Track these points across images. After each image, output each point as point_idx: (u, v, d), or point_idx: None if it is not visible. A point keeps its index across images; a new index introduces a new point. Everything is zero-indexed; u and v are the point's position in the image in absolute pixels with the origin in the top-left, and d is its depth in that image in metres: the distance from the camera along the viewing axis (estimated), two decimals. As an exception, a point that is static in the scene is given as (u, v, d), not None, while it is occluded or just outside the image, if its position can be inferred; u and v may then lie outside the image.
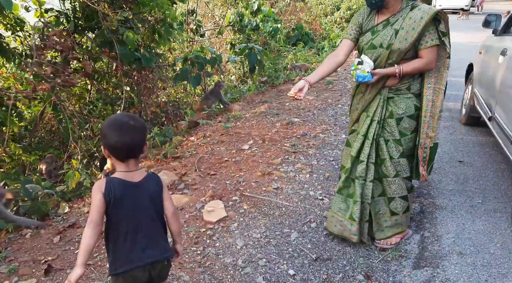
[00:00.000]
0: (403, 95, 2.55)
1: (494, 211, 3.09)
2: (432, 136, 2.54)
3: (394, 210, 2.67)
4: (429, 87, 2.50)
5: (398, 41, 2.40)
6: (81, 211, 3.31)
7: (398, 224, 2.70)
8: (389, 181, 2.62)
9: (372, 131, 2.58)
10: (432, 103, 2.50)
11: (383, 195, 2.67)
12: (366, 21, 2.55)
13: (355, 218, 2.59)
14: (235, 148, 4.40)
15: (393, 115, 2.55)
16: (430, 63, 2.44)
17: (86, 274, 2.43)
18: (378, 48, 2.47)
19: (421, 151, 2.59)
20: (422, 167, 2.61)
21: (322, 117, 5.45)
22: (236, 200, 3.25)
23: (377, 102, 2.57)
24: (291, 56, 10.07)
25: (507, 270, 2.44)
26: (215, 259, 2.54)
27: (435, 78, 2.50)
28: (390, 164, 2.59)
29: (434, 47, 2.41)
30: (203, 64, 6.18)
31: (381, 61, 2.48)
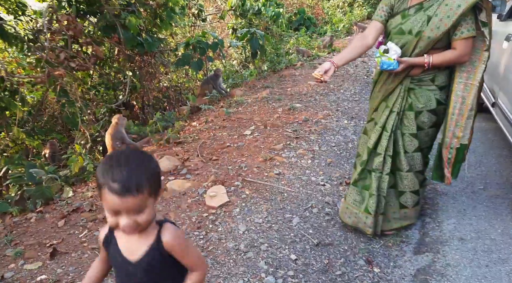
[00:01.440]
0: (426, 87, 2.38)
1: (495, 197, 3.10)
2: (459, 136, 2.38)
3: (404, 203, 2.62)
4: (460, 82, 2.32)
5: (429, 29, 2.23)
6: (85, 195, 3.34)
7: (406, 217, 2.67)
8: (401, 174, 2.54)
9: (391, 123, 2.46)
10: (462, 99, 2.33)
11: (394, 187, 2.60)
12: (398, 3, 2.38)
13: (371, 211, 2.54)
14: (237, 133, 4.40)
15: (413, 108, 2.41)
16: (464, 56, 2.26)
17: (90, 257, 2.46)
18: (407, 34, 2.31)
19: (446, 151, 2.46)
20: (446, 169, 2.50)
21: (324, 102, 5.44)
22: (238, 185, 3.27)
23: (398, 93, 2.44)
24: (293, 41, 9.99)
25: (507, 256, 2.46)
26: (218, 243, 2.57)
27: (467, 72, 2.31)
28: (404, 158, 2.49)
29: (469, 38, 2.23)
30: (205, 49, 6.14)
31: (408, 49, 2.32)
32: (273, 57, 8.04)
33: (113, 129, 4.21)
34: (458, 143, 2.41)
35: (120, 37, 4.87)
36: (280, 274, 2.31)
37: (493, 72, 3.81)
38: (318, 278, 2.30)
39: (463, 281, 2.28)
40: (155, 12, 5.66)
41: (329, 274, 2.34)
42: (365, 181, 2.61)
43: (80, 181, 3.98)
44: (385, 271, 2.38)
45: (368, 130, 2.63)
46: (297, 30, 11.44)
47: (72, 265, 2.41)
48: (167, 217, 2.87)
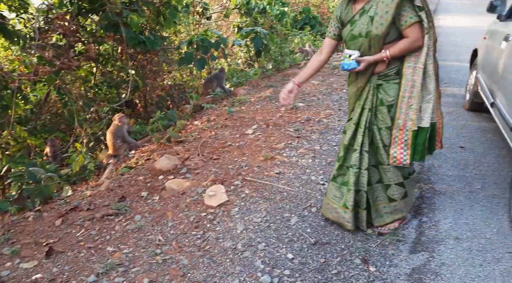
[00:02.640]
0: (392, 81, 2.49)
1: (492, 197, 3.09)
2: (413, 118, 2.43)
3: (391, 196, 2.67)
4: (409, 66, 2.42)
5: (374, 27, 2.36)
6: (84, 194, 3.38)
7: (397, 210, 2.71)
8: (384, 168, 2.61)
9: (364, 119, 2.56)
10: (412, 82, 2.42)
11: (380, 182, 2.67)
12: (345, 14, 2.53)
13: (349, 206, 2.61)
14: (238, 132, 4.42)
15: (384, 103, 2.51)
16: (416, 40, 2.37)
17: (86, 257, 2.50)
18: (358, 37, 2.44)
19: (401, 133, 2.48)
20: (395, 149, 2.51)
21: (327, 102, 5.44)
22: (238, 184, 3.28)
23: (367, 90, 2.55)
24: (298, 40, 9.98)
25: (502, 255, 2.45)
26: (215, 243, 2.58)
27: (415, 56, 2.42)
28: (384, 151, 2.56)
29: (415, 24, 2.34)
30: (208, 47, 6.16)
31: (365, 50, 2.45)
32: (277, 56, 8.05)
33: (114, 128, 4.26)
34: (414, 125, 2.44)
35: (122, 35, 4.91)
36: (276, 273, 2.33)
37: (492, 72, 3.80)
38: (314, 277, 2.31)
39: (457, 281, 2.27)
40: (158, 10, 5.69)
41: (325, 273, 2.35)
42: (344, 177, 2.68)
43: (81, 180, 4.03)
44: (380, 270, 2.38)
45: (346, 129, 2.71)
46: (302, 29, 11.41)
47: (68, 264, 2.43)
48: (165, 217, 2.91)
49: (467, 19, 12.82)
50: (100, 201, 3.22)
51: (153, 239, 2.63)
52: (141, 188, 3.37)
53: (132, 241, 2.62)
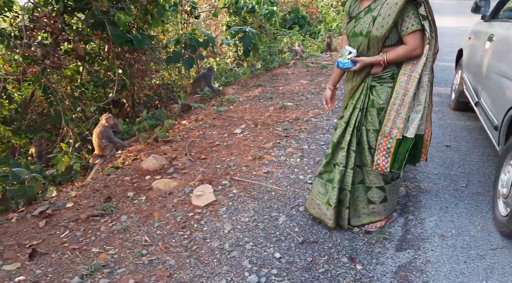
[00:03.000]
0: (386, 84, 2.47)
1: (477, 194, 3.13)
2: (400, 127, 2.41)
3: (371, 198, 2.68)
4: (404, 74, 2.40)
5: (375, 28, 2.34)
6: (69, 195, 3.34)
7: (375, 213, 2.71)
8: (367, 170, 2.61)
9: (354, 118, 2.55)
10: (404, 91, 2.39)
11: (362, 182, 2.67)
12: (353, 8, 2.53)
13: (332, 204, 2.62)
14: (227, 132, 4.41)
15: (374, 105, 2.50)
16: (415, 49, 2.35)
17: (71, 258, 2.47)
18: (359, 36, 2.43)
19: (385, 140, 2.47)
20: (378, 155, 2.51)
21: (315, 101, 5.45)
22: (226, 184, 3.27)
23: (361, 90, 2.54)
24: (287, 40, 10.00)
25: (485, 252, 2.49)
26: (202, 243, 2.57)
27: (412, 65, 2.40)
28: (369, 153, 2.56)
29: (416, 32, 2.32)
30: (196, 46, 6.13)
31: (364, 50, 2.44)
32: (266, 55, 8.05)
33: (100, 128, 4.21)
34: (399, 134, 2.43)
35: (109, 34, 4.86)
36: (263, 272, 2.32)
37: (476, 71, 3.85)
38: (302, 276, 2.31)
39: (441, 277, 2.30)
40: (145, 8, 5.65)
41: (312, 271, 2.35)
42: (330, 174, 2.69)
43: (67, 180, 3.98)
44: (367, 268, 2.39)
45: (337, 127, 2.71)
46: (291, 28, 11.44)
47: (51, 266, 2.40)
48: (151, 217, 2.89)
49: (454, 20, 12.96)
50: (86, 202, 3.18)
51: (139, 240, 2.61)
52: (127, 188, 3.34)
53: (118, 242, 2.60)
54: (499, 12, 4.01)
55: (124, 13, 4.88)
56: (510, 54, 2.91)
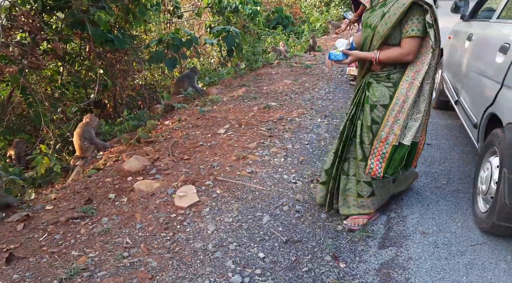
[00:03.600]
0: (383, 82, 2.48)
1: (457, 192, 3.17)
2: (397, 133, 2.43)
3: (360, 192, 2.72)
4: (406, 81, 2.40)
5: (380, 24, 2.36)
6: (48, 197, 3.27)
7: (364, 206, 2.76)
8: (357, 163, 2.66)
9: (351, 113, 2.63)
10: (404, 98, 2.39)
11: (355, 175, 2.74)
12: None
13: (321, 182, 2.84)
14: (210, 132, 4.38)
15: (368, 101, 2.53)
16: (407, 54, 2.34)
17: (49, 262, 2.40)
18: (368, 28, 2.46)
19: (381, 145, 2.50)
20: (372, 160, 2.55)
21: (299, 101, 5.47)
22: (209, 184, 3.25)
23: (360, 85, 2.60)
24: (271, 40, 10.01)
25: (465, 248, 2.52)
26: (185, 244, 2.54)
27: (415, 72, 2.38)
28: (359, 147, 2.61)
29: (415, 38, 2.30)
30: (179, 46, 6.08)
31: (367, 43, 2.47)
32: (250, 55, 8.04)
33: (81, 129, 4.14)
34: (395, 140, 2.45)
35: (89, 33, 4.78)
36: (247, 272, 2.31)
37: (456, 70, 3.91)
38: (285, 275, 2.31)
39: (423, 274, 2.32)
40: (127, 8, 5.58)
41: (296, 271, 2.35)
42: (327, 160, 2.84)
43: (48, 183, 3.89)
44: (350, 266, 2.41)
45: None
46: (274, 28, 11.45)
47: (29, 271, 2.33)
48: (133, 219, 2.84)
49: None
50: (66, 204, 3.12)
51: (120, 242, 2.56)
52: (108, 190, 3.29)
53: (99, 245, 2.55)
54: (478, 11, 4.09)
55: (105, 12, 4.81)
56: (488, 53, 2.96)
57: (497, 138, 2.45)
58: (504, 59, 2.63)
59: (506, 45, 2.65)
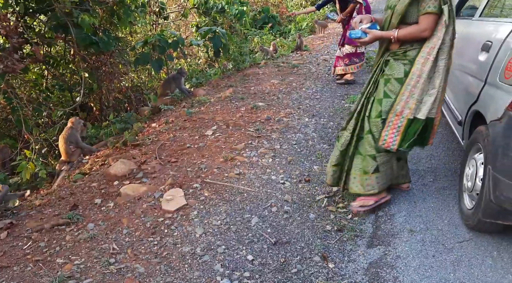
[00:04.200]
0: (400, 60, 2.57)
1: (443, 189, 3.19)
2: (411, 107, 2.50)
3: (365, 168, 2.76)
4: (422, 57, 2.49)
5: (400, 3, 2.46)
6: (32, 204, 3.21)
7: (368, 185, 2.79)
8: (364, 137, 2.73)
9: (367, 90, 2.72)
10: (419, 72, 2.48)
11: (360, 153, 2.80)
12: None
13: (332, 163, 2.90)
14: (198, 134, 4.35)
15: (383, 75, 2.62)
16: (424, 30, 2.43)
17: (34, 270, 2.36)
18: (388, 9, 2.56)
19: (396, 118, 2.57)
20: (386, 132, 2.61)
21: (287, 101, 5.46)
22: (197, 187, 3.23)
23: (378, 64, 2.70)
24: (257, 40, 9.99)
25: (452, 245, 2.54)
26: (173, 248, 2.52)
27: (430, 48, 2.47)
28: (367, 120, 2.69)
29: (432, 14, 2.40)
30: (165, 47, 6.03)
31: (386, 23, 2.56)
32: (237, 56, 8.01)
33: (66, 133, 4.07)
34: (410, 114, 2.52)
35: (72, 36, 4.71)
36: (236, 276, 2.30)
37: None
38: (274, 277, 2.30)
39: (411, 272, 2.33)
40: (111, 10, 5.51)
41: (285, 272, 2.34)
42: (341, 139, 2.89)
43: (33, 188, 3.83)
44: (339, 266, 2.41)
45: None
46: (261, 28, 11.44)
47: (13, 280, 2.30)
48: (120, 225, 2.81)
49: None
50: (50, 210, 3.07)
51: (107, 248, 2.53)
52: (94, 195, 3.25)
53: (84, 251, 2.51)
54: (460, 10, 4.12)
55: (88, 15, 4.74)
56: (471, 51, 2.99)
57: (481, 135, 2.48)
58: (486, 57, 2.66)
59: (488, 43, 2.68)
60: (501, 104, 2.27)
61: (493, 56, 2.54)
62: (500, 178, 2.17)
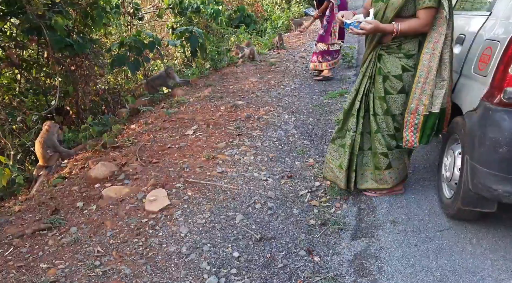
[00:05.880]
0: (394, 54, 2.57)
1: (423, 180, 3.27)
2: (425, 103, 2.52)
3: (377, 164, 2.82)
4: (427, 53, 2.49)
5: None
6: (12, 210, 3.13)
7: (381, 180, 2.86)
8: (373, 135, 2.75)
9: (363, 86, 2.69)
10: (428, 69, 2.48)
11: (371, 149, 2.82)
12: None
13: (343, 167, 2.83)
14: (178, 134, 4.33)
15: (380, 72, 2.62)
16: (425, 25, 2.44)
17: (16, 277, 2.31)
18: (379, 2, 2.52)
19: (412, 117, 2.59)
20: (406, 132, 2.64)
21: (266, 99, 5.49)
22: (180, 187, 3.21)
23: (370, 59, 2.66)
24: (234, 39, 9.98)
25: (433, 234, 2.61)
26: (158, 248, 2.51)
27: (434, 43, 2.47)
28: (373, 119, 2.71)
29: (431, 9, 2.40)
30: (141, 48, 5.96)
31: (379, 16, 2.51)
32: (215, 55, 7.99)
33: (43, 137, 3.98)
34: (425, 110, 2.55)
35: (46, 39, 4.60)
36: (223, 273, 2.31)
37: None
38: (261, 273, 2.32)
39: (395, 262, 2.39)
40: (85, 11, 5.41)
41: (271, 267, 2.36)
42: (342, 140, 2.86)
43: (10, 195, 3.73)
44: (324, 259, 2.44)
45: (348, 95, 2.91)
46: (237, 27, 11.43)
47: (-5, 287, 2.25)
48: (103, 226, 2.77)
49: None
50: (31, 216, 3.00)
51: (91, 251, 2.50)
52: (76, 199, 3.19)
53: (68, 255, 2.47)
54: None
55: (62, 17, 4.64)
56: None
57: (458, 126, 2.55)
58: (460, 49, 2.74)
59: (461, 36, 2.76)
60: (476, 95, 2.34)
61: (467, 48, 2.63)
62: (477, 167, 2.24)
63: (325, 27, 6.01)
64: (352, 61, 7.22)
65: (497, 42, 2.25)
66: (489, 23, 2.48)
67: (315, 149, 3.91)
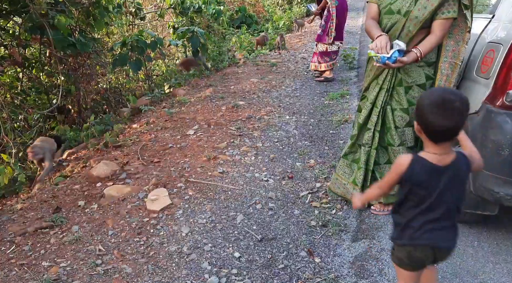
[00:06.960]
0: (415, 64, 2.48)
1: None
2: None
3: None
4: (445, 61, 2.46)
5: (417, 8, 2.33)
6: (14, 208, 3.14)
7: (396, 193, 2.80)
8: (393, 149, 2.68)
9: (381, 99, 2.60)
10: (446, 77, 2.46)
11: (389, 163, 2.74)
12: None
13: (358, 183, 2.74)
14: (179, 134, 4.34)
15: (402, 83, 2.55)
16: (442, 37, 2.40)
17: (19, 275, 2.32)
18: (396, 14, 2.41)
19: None
20: None
21: (267, 99, 5.50)
22: (181, 186, 3.22)
23: (387, 71, 2.54)
24: (235, 39, 10.00)
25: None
26: (159, 248, 2.51)
27: (452, 52, 2.44)
28: (395, 133, 2.63)
29: (449, 19, 2.35)
30: (143, 48, 5.97)
31: (397, 29, 2.42)
32: (216, 55, 8.00)
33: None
34: None
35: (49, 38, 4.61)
36: (223, 273, 2.31)
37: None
38: (262, 273, 2.32)
39: (396, 264, 2.40)
40: (87, 11, 5.42)
41: (272, 268, 2.37)
42: (355, 155, 2.79)
43: (12, 193, 3.74)
44: (325, 261, 2.45)
45: (361, 108, 2.75)
46: (239, 28, 11.45)
47: (-3, 284, 2.26)
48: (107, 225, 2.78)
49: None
50: (33, 214, 3.01)
51: (93, 250, 2.51)
52: (77, 197, 3.20)
53: (70, 254, 2.48)
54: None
55: (64, 16, 4.65)
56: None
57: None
58: (462, 52, 2.74)
59: None
60: (478, 98, 2.35)
61: (469, 51, 2.63)
62: (478, 169, 2.24)
63: (322, 26, 6.03)
64: (354, 62, 7.23)
65: (500, 45, 2.26)
66: (492, 26, 2.49)
67: (316, 150, 3.92)
